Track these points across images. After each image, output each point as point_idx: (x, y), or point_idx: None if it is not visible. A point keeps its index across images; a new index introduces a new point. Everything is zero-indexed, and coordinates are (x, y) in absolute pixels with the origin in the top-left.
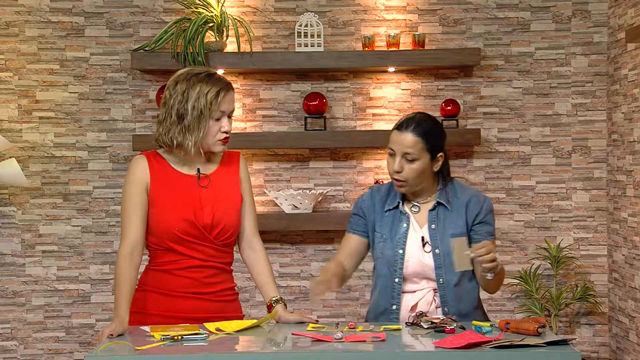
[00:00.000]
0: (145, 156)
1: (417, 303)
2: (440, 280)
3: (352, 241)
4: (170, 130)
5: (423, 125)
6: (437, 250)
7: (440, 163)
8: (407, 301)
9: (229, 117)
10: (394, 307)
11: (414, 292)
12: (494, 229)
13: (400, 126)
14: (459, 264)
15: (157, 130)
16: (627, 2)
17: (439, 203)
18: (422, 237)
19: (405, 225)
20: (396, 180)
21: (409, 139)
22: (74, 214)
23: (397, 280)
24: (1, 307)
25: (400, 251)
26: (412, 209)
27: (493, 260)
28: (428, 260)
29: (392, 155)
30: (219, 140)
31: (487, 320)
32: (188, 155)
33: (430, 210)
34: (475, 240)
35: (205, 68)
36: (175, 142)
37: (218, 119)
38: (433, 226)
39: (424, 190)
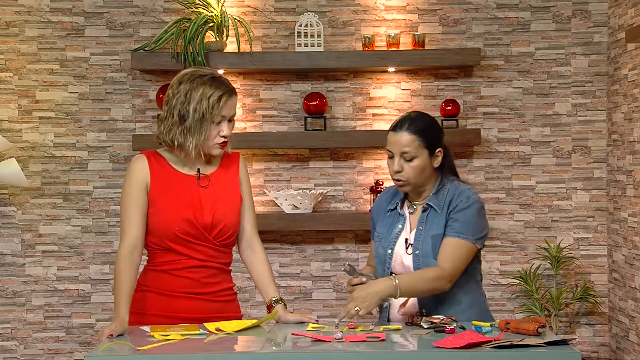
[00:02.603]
0: (145, 156)
1: (405, 302)
2: None
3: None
4: (171, 130)
5: (417, 123)
6: (417, 252)
7: (439, 159)
8: (396, 299)
9: (230, 121)
10: (385, 305)
11: None
12: (465, 228)
13: (395, 127)
14: None
15: (158, 128)
16: (627, 2)
17: (428, 205)
18: (406, 239)
19: (400, 226)
20: (397, 180)
21: (405, 138)
22: (74, 214)
23: None
24: (1, 307)
25: (389, 251)
26: (409, 210)
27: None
28: (408, 261)
29: (391, 157)
30: (217, 143)
31: (488, 320)
32: (188, 156)
33: (422, 212)
34: (445, 234)
35: (210, 70)
36: (176, 142)
37: (218, 123)
38: (420, 227)
39: (427, 189)
